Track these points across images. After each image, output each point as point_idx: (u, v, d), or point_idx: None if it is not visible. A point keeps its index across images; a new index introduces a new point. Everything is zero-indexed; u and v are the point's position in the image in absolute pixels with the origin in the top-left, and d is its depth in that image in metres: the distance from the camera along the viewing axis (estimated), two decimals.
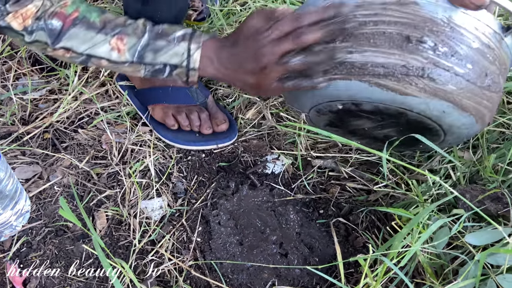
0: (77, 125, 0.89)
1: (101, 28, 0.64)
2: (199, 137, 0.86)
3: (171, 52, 0.64)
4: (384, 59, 0.55)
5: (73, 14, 0.64)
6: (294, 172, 0.83)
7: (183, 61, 0.65)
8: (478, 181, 0.76)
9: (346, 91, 0.59)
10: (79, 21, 0.64)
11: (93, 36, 0.64)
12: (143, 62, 0.65)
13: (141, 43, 0.64)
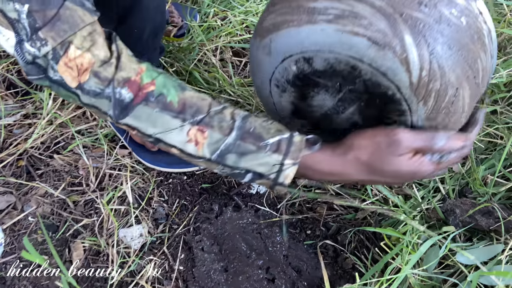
0: (52, 150, 0.85)
1: (179, 112, 0.52)
2: (180, 159, 0.83)
3: (259, 160, 0.53)
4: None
5: (148, 87, 0.52)
6: None
7: (272, 173, 0.53)
8: (468, 194, 0.74)
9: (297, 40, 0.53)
10: (154, 98, 0.52)
11: (168, 121, 0.52)
12: (223, 163, 0.54)
13: (226, 141, 0.53)
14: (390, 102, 0.54)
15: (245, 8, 1.10)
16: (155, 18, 0.79)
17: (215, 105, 0.54)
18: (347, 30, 0.49)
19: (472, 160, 0.75)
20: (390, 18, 0.49)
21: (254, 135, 0.53)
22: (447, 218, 0.70)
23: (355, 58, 0.51)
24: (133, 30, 0.78)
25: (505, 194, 0.73)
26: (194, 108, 0.53)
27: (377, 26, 0.49)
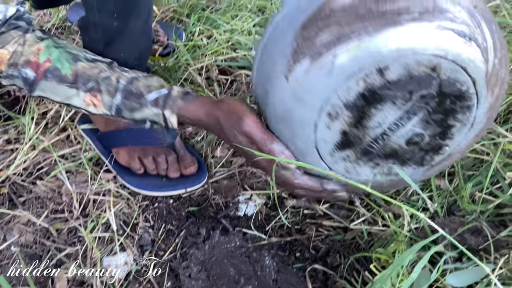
0: (36, 176, 0.84)
1: (73, 82, 0.65)
2: (166, 181, 0.82)
3: (146, 112, 0.66)
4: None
5: (45, 65, 0.65)
6: (267, 212, 0.79)
7: (161, 121, 0.66)
8: (456, 212, 0.74)
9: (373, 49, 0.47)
10: (50, 73, 0.65)
11: (66, 91, 0.65)
12: (122, 116, 0.67)
13: (115, 102, 0.65)
14: (461, 99, 0.52)
15: (230, 26, 1.10)
16: (141, 43, 0.79)
17: (105, 71, 0.66)
18: (434, 26, 0.47)
19: (460, 177, 0.75)
20: (470, 10, 0.48)
21: (136, 93, 0.65)
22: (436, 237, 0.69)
23: (439, 56, 0.48)
24: (119, 53, 0.77)
25: (494, 211, 0.73)
26: (85, 77, 0.65)
27: (461, 18, 0.48)
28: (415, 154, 0.59)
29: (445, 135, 0.57)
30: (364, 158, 0.59)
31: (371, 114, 0.53)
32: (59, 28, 1.15)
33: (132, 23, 0.73)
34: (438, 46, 0.47)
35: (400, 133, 0.56)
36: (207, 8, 1.22)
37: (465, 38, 0.48)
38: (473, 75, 0.50)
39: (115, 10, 0.69)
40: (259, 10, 1.18)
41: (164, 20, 1.22)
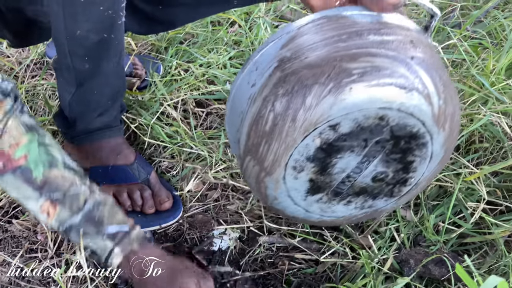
0: (11, 215, 0.84)
1: (39, 188, 0.62)
2: (141, 218, 0.83)
3: (93, 243, 0.65)
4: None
5: (19, 162, 0.60)
6: (241, 247, 0.81)
7: (102, 256, 0.66)
8: (421, 243, 0.76)
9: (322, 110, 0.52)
10: (21, 171, 0.60)
11: (27, 191, 0.62)
12: (68, 235, 0.66)
13: (71, 221, 0.64)
14: (415, 138, 0.56)
15: (207, 59, 1.13)
16: (114, 84, 0.81)
17: (75, 185, 0.64)
18: (373, 84, 0.51)
19: (423, 207, 0.78)
20: (405, 63, 0.53)
21: (98, 222, 0.64)
22: (402, 268, 0.71)
23: (384, 108, 0.53)
24: (92, 93, 0.79)
25: (457, 240, 0.76)
26: (53, 186, 0.62)
27: (398, 72, 0.52)
28: (383, 188, 0.63)
29: (407, 169, 0.61)
30: (336, 199, 0.63)
31: (333, 163, 0.57)
32: (38, 64, 1.17)
33: (103, 66, 0.75)
34: (381, 100, 0.52)
35: (364, 174, 0.60)
36: (185, 42, 1.25)
37: (405, 89, 0.52)
38: (421, 118, 0.54)
39: (86, 54, 0.71)
40: (235, 44, 1.21)
41: (142, 53, 1.24)
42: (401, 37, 0.54)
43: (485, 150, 0.85)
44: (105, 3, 0.62)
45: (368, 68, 0.51)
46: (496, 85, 0.85)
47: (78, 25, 0.64)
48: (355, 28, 0.55)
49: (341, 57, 0.52)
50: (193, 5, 0.86)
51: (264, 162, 0.57)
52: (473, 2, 1.23)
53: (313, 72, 0.52)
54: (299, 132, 0.54)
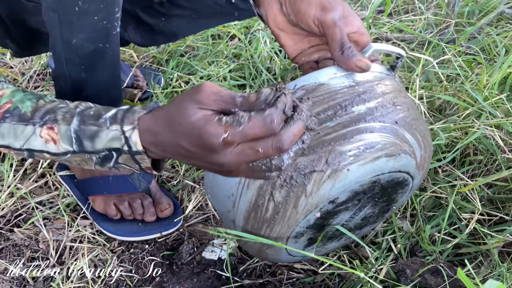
0: (13, 224, 0.85)
1: (30, 119, 0.56)
2: (142, 226, 0.84)
3: (107, 137, 0.54)
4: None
5: (5, 106, 0.56)
6: (241, 256, 0.82)
7: (123, 144, 0.53)
8: (418, 253, 0.78)
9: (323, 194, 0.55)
10: (10, 113, 0.56)
11: (23, 130, 0.56)
12: (86, 150, 0.55)
13: (71, 129, 0.55)
14: (400, 185, 0.62)
15: (207, 72, 1.16)
16: (110, 94, 0.82)
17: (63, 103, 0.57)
18: (368, 161, 0.55)
19: (419, 218, 0.79)
20: (393, 130, 0.56)
21: (93, 116, 0.55)
22: (399, 278, 0.73)
23: (377, 175, 0.57)
24: (89, 101, 0.80)
25: (452, 251, 0.77)
26: (43, 110, 0.56)
27: (388, 143, 0.56)
28: (370, 221, 0.69)
29: (391, 203, 0.67)
30: (330, 241, 0.69)
31: (330, 223, 0.63)
32: (41, 75, 1.19)
33: (99, 74, 0.76)
34: (375, 171, 0.56)
35: (355, 219, 0.66)
36: (186, 54, 1.27)
37: (395, 156, 0.56)
38: (407, 171, 0.60)
39: (81, 63, 0.72)
40: (235, 57, 1.24)
41: (143, 65, 1.27)
42: (381, 99, 0.56)
43: (480, 162, 0.87)
44: (99, 13, 0.63)
45: (361, 147, 0.54)
46: (489, 100, 0.87)
47: (73, 34, 0.65)
48: (337, 99, 0.55)
49: (333, 140, 0.53)
50: (194, 18, 0.88)
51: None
52: (467, 19, 1.27)
53: (310, 159, 0.53)
54: (301, 214, 0.57)
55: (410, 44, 1.20)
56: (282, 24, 0.64)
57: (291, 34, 0.65)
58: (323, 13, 0.58)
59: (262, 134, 0.47)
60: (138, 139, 0.52)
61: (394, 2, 1.40)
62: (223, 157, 0.48)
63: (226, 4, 0.78)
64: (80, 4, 0.60)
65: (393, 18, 1.36)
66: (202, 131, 0.48)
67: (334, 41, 0.57)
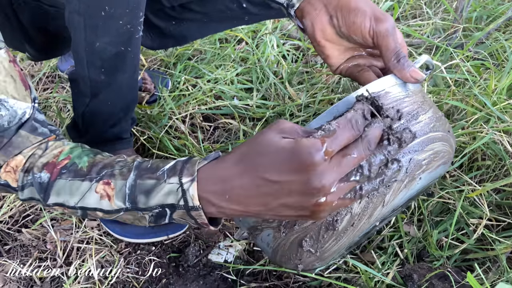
0: (21, 224, 0.86)
1: (87, 174, 0.54)
2: (149, 228, 0.85)
3: (163, 191, 0.50)
4: None
5: (63, 162, 0.55)
6: (247, 259, 0.82)
7: (179, 199, 0.50)
8: (425, 258, 0.77)
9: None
10: (67, 169, 0.54)
11: (79, 186, 0.53)
12: (138, 208, 0.52)
13: (127, 184, 0.52)
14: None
15: (214, 75, 1.16)
16: (127, 96, 0.83)
17: (121, 158, 0.55)
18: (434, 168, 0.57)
19: (426, 223, 0.79)
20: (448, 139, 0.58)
21: (151, 169, 0.52)
22: (406, 283, 0.72)
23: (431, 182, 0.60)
24: (106, 104, 0.81)
25: (460, 256, 0.77)
26: (100, 165, 0.54)
27: (446, 151, 0.58)
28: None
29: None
30: (347, 251, 0.68)
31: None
32: (49, 77, 1.20)
33: (118, 77, 0.78)
34: (433, 178, 0.59)
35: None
36: (193, 58, 1.28)
37: (447, 163, 0.59)
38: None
39: (103, 66, 0.74)
40: (242, 60, 1.24)
41: (151, 68, 1.27)
42: (433, 108, 0.58)
43: (488, 167, 0.86)
44: (124, 17, 0.64)
45: (432, 156, 0.56)
46: (497, 105, 0.87)
47: (97, 38, 0.67)
48: (405, 108, 0.55)
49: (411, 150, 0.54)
50: (204, 22, 0.89)
51: (325, 253, 0.57)
52: (475, 24, 1.26)
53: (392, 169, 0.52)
54: (371, 224, 0.56)
55: (418, 49, 1.20)
56: (330, 36, 0.64)
57: (337, 45, 0.65)
58: (377, 24, 0.59)
59: (352, 136, 0.46)
60: (195, 193, 0.49)
61: (401, 7, 1.40)
62: (325, 176, 0.44)
63: (237, 9, 0.79)
64: (106, 8, 0.62)
65: (401, 22, 1.36)
66: (298, 150, 0.43)
67: (389, 50, 0.58)
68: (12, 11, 0.77)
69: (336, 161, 0.44)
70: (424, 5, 1.37)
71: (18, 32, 0.82)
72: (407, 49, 0.62)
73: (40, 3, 0.74)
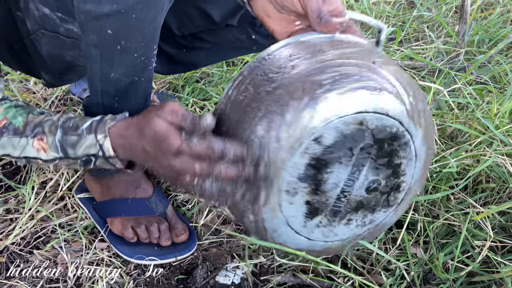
0: (33, 246, 0.87)
1: (23, 132, 0.69)
2: (157, 250, 0.86)
3: (84, 145, 0.67)
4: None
5: (1, 123, 0.69)
6: (254, 281, 0.83)
7: (98, 151, 0.67)
8: (431, 281, 0.78)
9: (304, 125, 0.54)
10: (6, 128, 0.69)
11: (18, 142, 0.69)
12: (69, 157, 0.68)
13: (56, 139, 0.68)
14: (396, 139, 0.59)
15: None
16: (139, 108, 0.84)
17: (50, 115, 0.69)
18: (346, 90, 0.54)
19: (432, 246, 0.80)
20: (371, 68, 0.57)
21: (72, 128, 0.68)
22: None
23: (361, 113, 0.55)
24: None
25: (465, 279, 0.77)
26: (32, 124, 0.69)
27: (366, 76, 0.55)
28: (379, 199, 0.64)
29: (397, 174, 0.63)
30: (336, 219, 0.64)
31: (325, 179, 0.58)
32: (62, 100, 1.23)
33: (131, 104, 0.80)
34: (356, 105, 0.55)
35: (358, 185, 0.61)
36: (201, 80, 1.31)
37: (376, 91, 0.55)
38: (397, 117, 0.57)
39: (116, 94, 0.76)
40: None
41: (160, 91, 1.31)
42: (359, 48, 0.60)
43: (492, 190, 0.87)
44: (139, 50, 0.67)
45: (337, 77, 0.55)
46: (500, 128, 0.89)
47: (112, 69, 0.69)
48: (316, 47, 0.59)
49: (310, 72, 0.56)
50: (214, 50, 0.92)
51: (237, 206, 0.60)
52: (477, 47, 1.29)
53: (287, 90, 0.55)
54: (285, 150, 0.54)
55: (421, 72, 1.22)
56: (270, 11, 0.67)
57: (278, 20, 0.68)
58: None
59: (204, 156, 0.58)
60: (109, 145, 0.66)
61: (404, 30, 1.43)
62: (173, 161, 0.59)
63: (246, 39, 0.82)
64: (122, 42, 0.64)
65: (403, 45, 1.39)
66: (164, 138, 0.59)
67: (312, 11, 0.61)
68: (30, 40, 0.80)
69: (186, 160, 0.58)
70: (426, 28, 1.41)
71: (34, 60, 0.85)
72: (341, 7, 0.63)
73: (57, 34, 0.78)
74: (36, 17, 0.77)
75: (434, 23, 1.47)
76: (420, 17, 1.49)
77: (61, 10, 0.74)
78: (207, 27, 0.88)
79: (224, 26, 0.86)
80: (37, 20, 0.77)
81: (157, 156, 0.60)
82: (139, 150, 0.63)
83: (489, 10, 1.51)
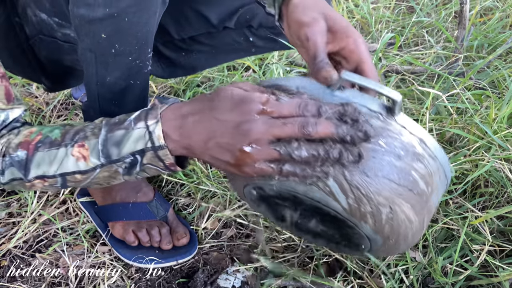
0: (35, 249, 0.88)
1: (62, 142, 0.60)
2: (158, 253, 0.87)
3: (132, 138, 0.57)
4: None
5: (36, 138, 0.61)
6: (254, 286, 0.83)
7: (147, 142, 0.57)
8: (430, 284, 0.78)
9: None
10: (41, 143, 0.61)
11: (56, 154, 0.60)
12: (112, 161, 0.59)
13: (99, 140, 0.59)
14: (338, 220, 0.58)
15: None
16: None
17: (89, 122, 0.62)
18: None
19: (431, 250, 0.80)
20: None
21: (119, 122, 0.59)
22: None
23: (290, 192, 0.56)
24: None
25: (464, 283, 0.78)
26: (71, 133, 0.61)
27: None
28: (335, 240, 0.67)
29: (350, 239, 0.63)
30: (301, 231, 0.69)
31: (279, 210, 0.65)
32: (63, 104, 1.24)
33: (128, 108, 0.80)
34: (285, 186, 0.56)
35: (312, 224, 0.65)
36: (202, 85, 1.32)
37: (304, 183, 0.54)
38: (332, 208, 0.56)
39: (113, 98, 0.77)
40: None
41: (161, 95, 1.31)
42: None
43: (491, 194, 0.88)
44: (133, 54, 0.68)
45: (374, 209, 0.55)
46: (498, 133, 0.89)
47: (108, 73, 0.70)
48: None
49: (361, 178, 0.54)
50: (213, 53, 0.93)
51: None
52: (476, 52, 1.30)
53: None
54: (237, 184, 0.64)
55: (420, 77, 1.23)
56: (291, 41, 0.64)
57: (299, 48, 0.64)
58: (299, 29, 0.58)
59: (295, 113, 0.50)
60: (160, 132, 0.56)
61: (404, 35, 1.44)
62: (254, 124, 0.50)
63: (244, 42, 0.83)
64: (116, 46, 0.65)
65: (403, 50, 1.39)
66: (246, 95, 0.51)
67: (309, 56, 0.57)
68: (29, 46, 0.81)
69: (270, 121, 0.50)
70: (426, 33, 1.41)
71: (34, 65, 0.86)
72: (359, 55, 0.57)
73: (55, 39, 0.79)
74: (34, 23, 0.78)
75: (433, 28, 1.48)
76: (420, 22, 1.50)
77: (58, 15, 0.75)
78: (205, 30, 0.89)
79: (221, 28, 0.87)
80: (35, 26, 0.78)
81: (232, 122, 0.51)
82: (204, 125, 0.53)
83: (488, 15, 1.52)
